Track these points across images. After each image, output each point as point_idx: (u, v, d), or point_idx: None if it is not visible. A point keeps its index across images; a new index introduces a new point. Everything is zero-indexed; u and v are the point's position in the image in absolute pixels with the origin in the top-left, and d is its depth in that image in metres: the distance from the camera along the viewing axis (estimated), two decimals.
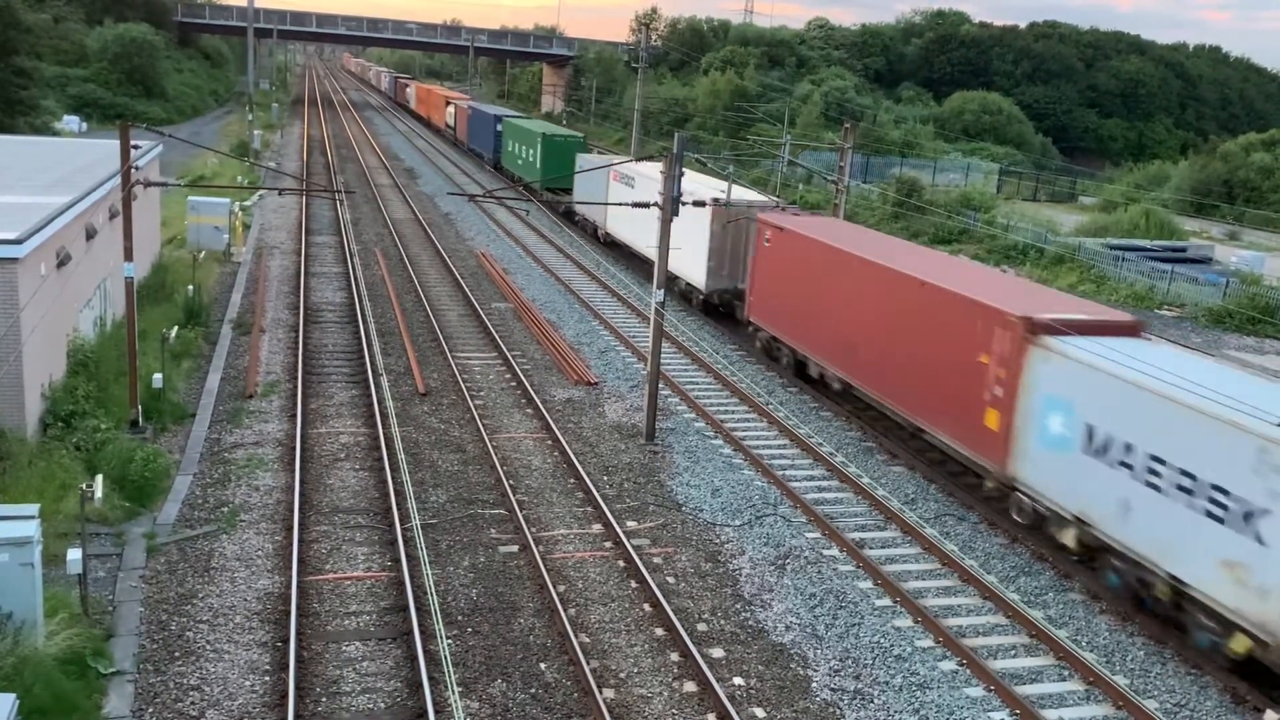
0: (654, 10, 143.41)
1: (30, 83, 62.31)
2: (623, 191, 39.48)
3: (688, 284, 33.55)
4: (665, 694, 13.69)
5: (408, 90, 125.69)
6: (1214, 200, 68.21)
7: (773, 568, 17.20)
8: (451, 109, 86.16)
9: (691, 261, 32.47)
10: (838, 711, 13.64)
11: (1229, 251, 50.32)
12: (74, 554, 13.76)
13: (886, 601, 16.39)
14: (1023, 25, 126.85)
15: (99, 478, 16.05)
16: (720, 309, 32.74)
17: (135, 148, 23.31)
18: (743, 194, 33.12)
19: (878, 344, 22.50)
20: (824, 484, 20.88)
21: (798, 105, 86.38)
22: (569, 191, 50.26)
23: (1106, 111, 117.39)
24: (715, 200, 30.07)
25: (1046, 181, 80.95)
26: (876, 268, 22.64)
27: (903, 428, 22.66)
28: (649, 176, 36.02)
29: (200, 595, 15.17)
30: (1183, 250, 49.25)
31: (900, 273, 21.84)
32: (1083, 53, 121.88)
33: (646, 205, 22.49)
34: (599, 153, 65.60)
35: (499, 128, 64.49)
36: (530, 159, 54.55)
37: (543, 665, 14.11)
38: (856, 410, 24.66)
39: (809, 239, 25.66)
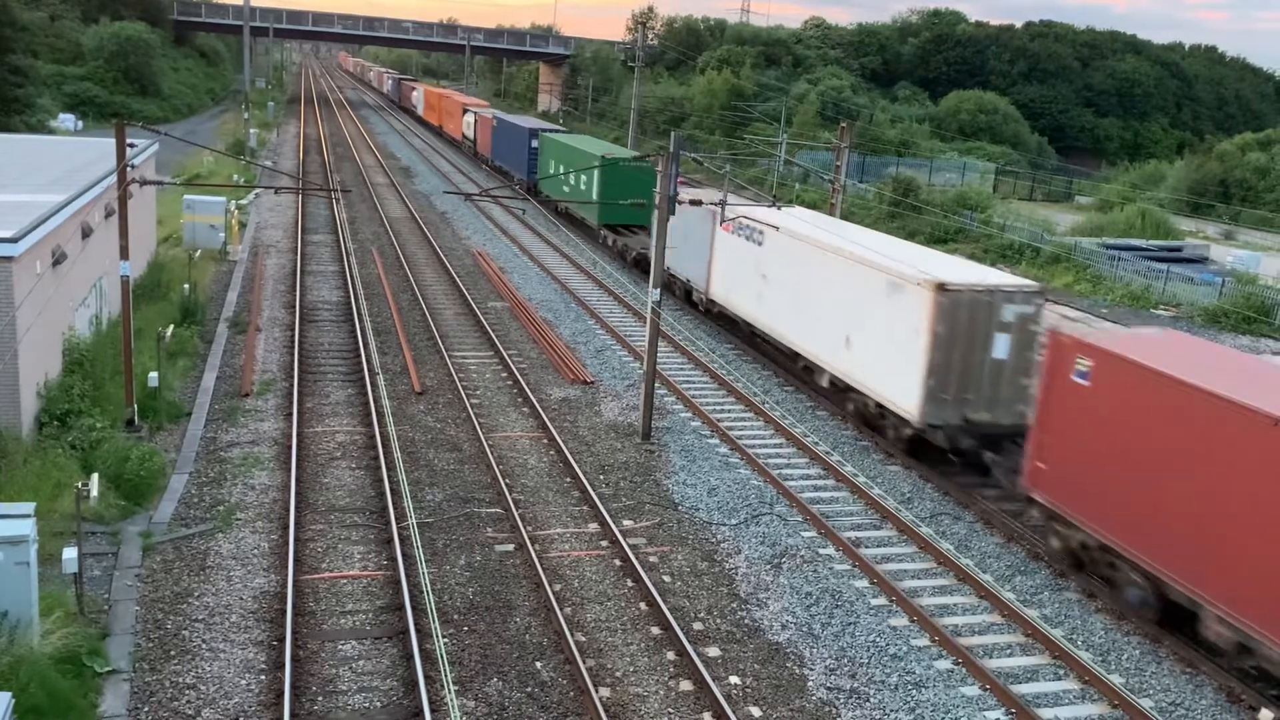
0: (650, 9, 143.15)
1: (26, 81, 62.26)
2: (741, 250, 28.42)
3: (879, 404, 22.25)
4: (661, 693, 13.69)
5: (414, 94, 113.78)
6: (1210, 200, 68.32)
7: (769, 566, 17.21)
8: (470, 118, 75.08)
9: (887, 369, 21.69)
10: (834, 710, 13.65)
11: (1225, 251, 50.41)
12: (69, 553, 13.75)
13: (882, 600, 16.40)
14: (1019, 25, 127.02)
15: (94, 476, 16.04)
16: (954, 455, 20.92)
17: (131, 146, 23.28)
18: (973, 272, 22.61)
19: None
20: (820, 483, 20.89)
21: (794, 104, 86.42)
22: (632, 229, 41.80)
23: (1102, 111, 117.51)
24: (942, 286, 19.96)
25: (1042, 181, 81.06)
26: None
27: None
28: (807, 238, 24.96)
29: (196, 594, 15.15)
30: (1178, 250, 49.33)
31: None
32: (1079, 52, 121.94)
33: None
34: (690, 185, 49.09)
35: (534, 144, 54.26)
36: (583, 188, 43.61)
37: (539, 664, 14.11)
38: None
39: (1222, 402, 14.28)
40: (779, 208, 26.68)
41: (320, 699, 13.04)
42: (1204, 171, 72.71)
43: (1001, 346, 20.43)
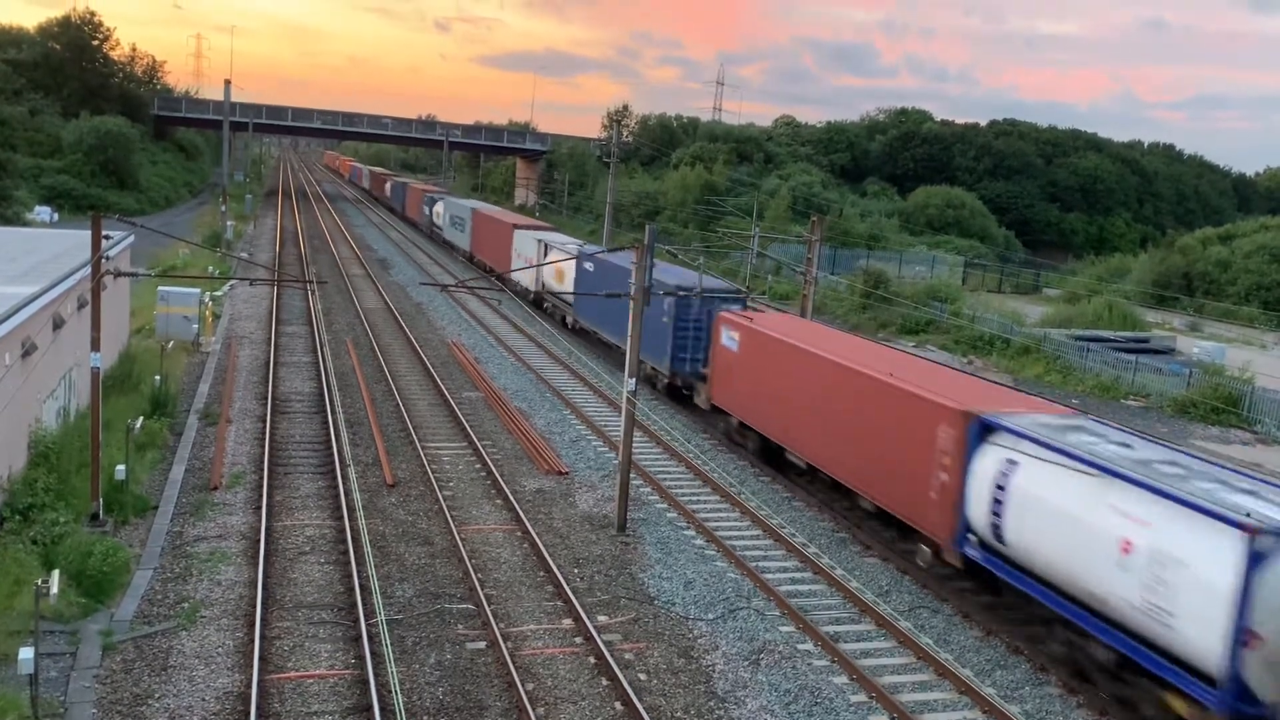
0: (625, 107, 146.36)
1: (3, 174, 62.61)
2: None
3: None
4: None
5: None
6: (1174, 293, 69.67)
7: (746, 663, 16.90)
8: None
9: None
10: None
11: (1190, 342, 51.22)
12: (26, 653, 13.32)
13: (862, 697, 16.10)
14: (983, 123, 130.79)
15: (55, 573, 15.60)
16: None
17: (107, 238, 23.29)
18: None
19: None
20: (797, 575, 20.67)
21: (765, 199, 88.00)
22: None
23: (1067, 206, 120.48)
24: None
25: (1010, 273, 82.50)
26: None
27: None
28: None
29: (156, 695, 14.66)
30: (1145, 341, 50.07)
31: None
32: (1042, 149, 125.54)
33: None
34: None
35: None
36: None
37: None
38: None
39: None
40: (748, 293, 28.87)
41: None
42: (1167, 265, 74.28)
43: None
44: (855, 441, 22.54)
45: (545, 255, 47.11)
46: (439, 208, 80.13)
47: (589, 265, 40.50)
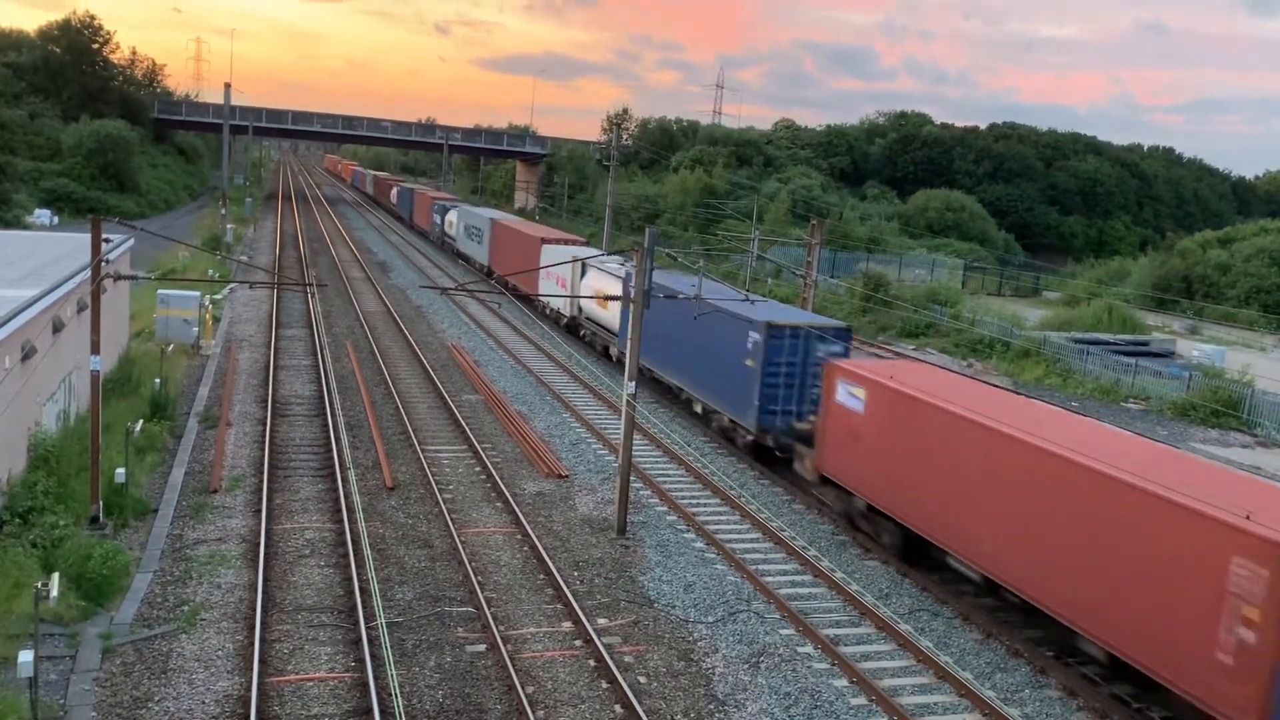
0: (625, 110, 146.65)
1: (3, 177, 62.69)
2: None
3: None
4: None
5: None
6: (1174, 296, 69.69)
7: (746, 666, 16.89)
8: None
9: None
10: None
11: (1190, 346, 51.22)
12: (25, 656, 13.31)
13: (862, 700, 16.09)
14: (983, 126, 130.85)
15: (54, 576, 15.60)
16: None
17: (106, 241, 23.31)
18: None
19: None
20: (797, 579, 20.66)
21: (765, 202, 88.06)
22: None
23: (1066, 209, 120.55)
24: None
25: (1010, 277, 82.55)
26: None
27: None
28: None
29: (156, 698, 14.65)
30: (1145, 344, 50.07)
31: None
32: (1041, 153, 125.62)
33: None
34: None
35: None
36: None
37: None
38: None
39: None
40: (750, 300, 28.15)
41: None
42: (1167, 268, 74.33)
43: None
44: (1073, 559, 16.28)
45: (582, 275, 43.04)
46: (452, 217, 75.84)
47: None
